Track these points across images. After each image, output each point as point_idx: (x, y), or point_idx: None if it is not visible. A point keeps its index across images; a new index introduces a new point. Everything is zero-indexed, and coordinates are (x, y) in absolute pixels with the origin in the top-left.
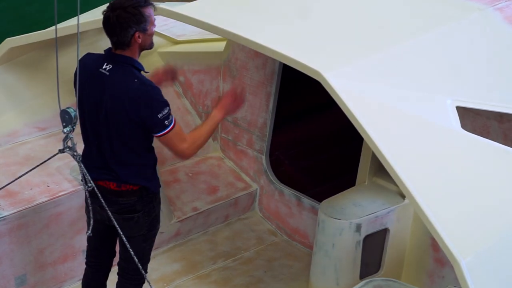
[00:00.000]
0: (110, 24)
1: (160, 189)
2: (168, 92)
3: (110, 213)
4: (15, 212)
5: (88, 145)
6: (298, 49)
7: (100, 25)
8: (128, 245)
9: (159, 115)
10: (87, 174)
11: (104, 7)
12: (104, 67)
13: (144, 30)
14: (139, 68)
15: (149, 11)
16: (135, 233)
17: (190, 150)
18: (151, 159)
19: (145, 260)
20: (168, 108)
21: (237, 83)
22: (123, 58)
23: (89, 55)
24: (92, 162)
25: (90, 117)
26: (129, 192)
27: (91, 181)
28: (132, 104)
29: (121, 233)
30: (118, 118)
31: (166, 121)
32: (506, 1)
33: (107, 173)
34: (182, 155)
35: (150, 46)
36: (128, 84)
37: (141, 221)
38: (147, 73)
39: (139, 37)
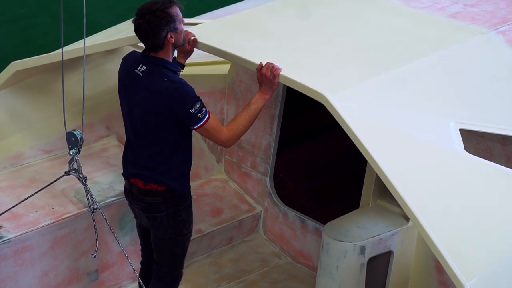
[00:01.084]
0: (142, 31)
1: None
2: None
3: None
4: (19, 235)
5: (127, 141)
6: (302, 72)
7: (106, 48)
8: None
9: (192, 110)
10: (93, 196)
11: (109, 30)
12: (138, 68)
13: (175, 30)
14: (173, 69)
15: (176, 10)
16: (162, 234)
17: (230, 141)
18: (182, 160)
19: (177, 264)
20: (200, 102)
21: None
22: (157, 60)
23: (132, 54)
24: (127, 158)
25: (128, 115)
26: (154, 192)
27: (96, 203)
28: (164, 101)
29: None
30: (150, 117)
31: (199, 114)
32: (508, 24)
33: (137, 171)
34: (224, 146)
35: (183, 42)
36: (159, 84)
37: (165, 223)
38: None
39: (171, 37)
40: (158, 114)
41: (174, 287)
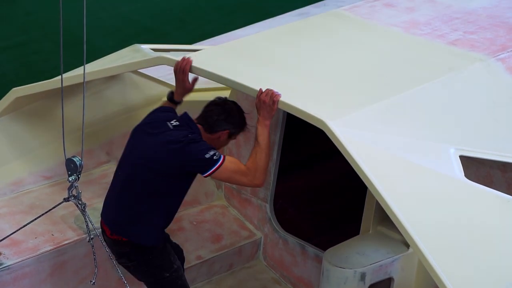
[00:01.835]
0: None
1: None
2: None
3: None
4: (19, 261)
5: (111, 187)
6: (302, 98)
7: (106, 74)
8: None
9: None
10: (92, 223)
11: (109, 57)
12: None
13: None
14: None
15: None
16: (144, 280)
17: (256, 180)
18: (161, 213)
19: None
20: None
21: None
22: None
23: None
24: (105, 204)
25: (128, 159)
26: (120, 241)
27: (95, 229)
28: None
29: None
30: (153, 164)
31: (214, 156)
32: (508, 51)
33: (109, 219)
34: (254, 186)
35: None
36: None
37: (140, 270)
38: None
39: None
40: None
41: None
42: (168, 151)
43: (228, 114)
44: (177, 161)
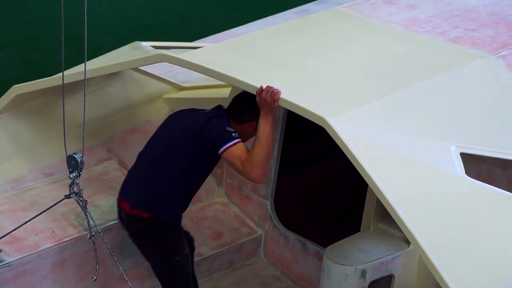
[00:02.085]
0: None
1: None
2: None
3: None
4: (20, 258)
5: (135, 165)
6: (303, 96)
7: (106, 71)
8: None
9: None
10: (93, 220)
11: (110, 54)
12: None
13: None
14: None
15: None
16: (154, 262)
17: (251, 173)
18: (183, 191)
19: (177, 287)
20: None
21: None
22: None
23: None
24: (127, 182)
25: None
26: (139, 218)
27: (96, 226)
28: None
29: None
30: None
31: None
32: (509, 49)
33: (130, 195)
34: (249, 178)
35: None
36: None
37: (152, 250)
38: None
39: None
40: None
41: None
42: (195, 123)
43: (256, 105)
44: (201, 131)
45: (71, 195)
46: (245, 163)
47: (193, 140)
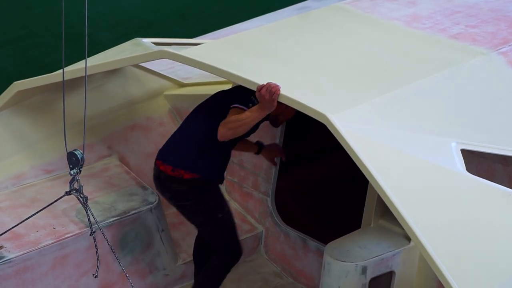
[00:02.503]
0: None
1: (167, 229)
2: None
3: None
4: (20, 255)
5: (177, 131)
6: (303, 92)
7: (107, 68)
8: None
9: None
10: (93, 216)
11: (110, 51)
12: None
13: None
14: None
15: None
16: (197, 221)
17: (220, 136)
18: (220, 153)
19: (228, 242)
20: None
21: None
22: None
23: None
24: (168, 145)
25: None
26: (180, 179)
27: (97, 223)
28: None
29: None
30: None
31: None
32: (509, 45)
33: (171, 157)
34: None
35: None
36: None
37: (195, 210)
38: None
39: None
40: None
41: (234, 260)
42: (225, 94)
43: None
44: (228, 98)
45: (71, 192)
46: (224, 121)
47: (227, 107)
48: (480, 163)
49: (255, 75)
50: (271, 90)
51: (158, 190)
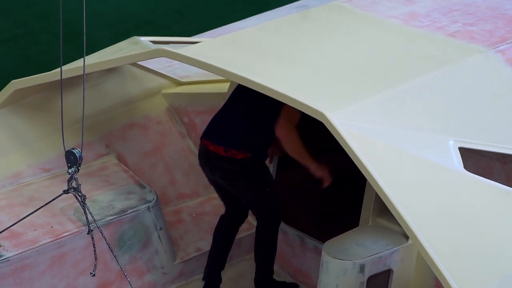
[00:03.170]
0: None
1: (165, 227)
2: (172, 133)
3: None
4: (18, 254)
5: (224, 113)
6: (301, 90)
7: (105, 66)
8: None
9: None
10: (91, 214)
11: (108, 49)
12: None
13: None
14: None
15: None
16: (246, 196)
17: (285, 133)
18: (268, 134)
19: (273, 209)
20: None
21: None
22: None
23: None
24: (217, 127)
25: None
26: (232, 159)
27: (95, 221)
28: None
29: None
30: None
31: None
32: (507, 43)
33: (222, 139)
34: (281, 131)
35: None
36: None
37: (245, 186)
38: None
39: None
40: None
41: (278, 222)
42: None
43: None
44: None
45: (69, 190)
46: (292, 128)
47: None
48: (478, 161)
49: (253, 73)
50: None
51: (205, 169)
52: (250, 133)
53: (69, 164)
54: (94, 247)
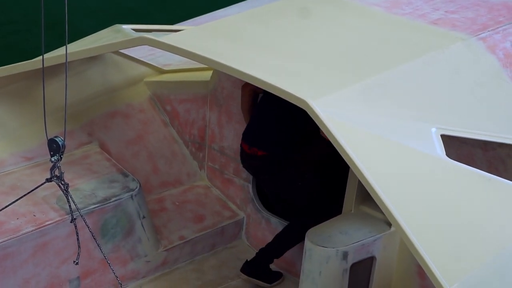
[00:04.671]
0: None
1: (149, 216)
2: (155, 121)
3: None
4: (1, 242)
5: (258, 116)
6: (284, 78)
7: (87, 54)
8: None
9: None
10: (74, 203)
11: (90, 37)
12: None
13: None
14: None
15: None
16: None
17: None
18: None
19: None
20: None
21: None
22: None
23: None
24: (251, 127)
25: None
26: (254, 156)
27: (78, 210)
28: None
29: None
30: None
31: None
32: (489, 31)
33: (251, 137)
34: None
35: None
36: None
37: (273, 181)
38: None
39: None
40: None
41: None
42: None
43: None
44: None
45: (52, 179)
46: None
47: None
48: (460, 148)
49: (235, 61)
50: None
51: (244, 167)
52: (286, 136)
53: (51, 153)
54: (77, 235)
